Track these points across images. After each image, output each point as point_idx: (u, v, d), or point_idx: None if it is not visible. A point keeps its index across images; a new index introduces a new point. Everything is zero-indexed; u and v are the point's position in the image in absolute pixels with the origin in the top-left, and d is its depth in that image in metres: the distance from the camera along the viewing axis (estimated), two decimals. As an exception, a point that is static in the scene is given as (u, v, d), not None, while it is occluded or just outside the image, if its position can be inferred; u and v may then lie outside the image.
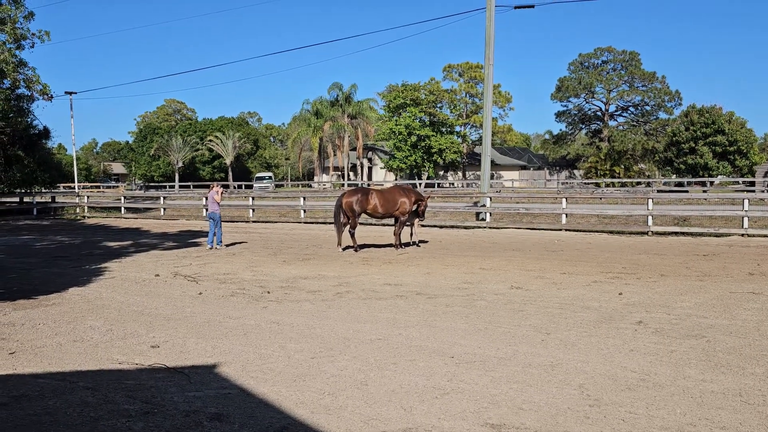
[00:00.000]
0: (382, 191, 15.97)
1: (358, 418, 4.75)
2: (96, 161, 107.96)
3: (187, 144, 73.62)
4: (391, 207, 15.63)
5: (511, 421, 4.64)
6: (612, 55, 64.90)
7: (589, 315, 8.03)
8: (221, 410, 4.93)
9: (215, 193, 17.08)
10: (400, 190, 16.15)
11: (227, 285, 10.81)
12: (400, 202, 15.65)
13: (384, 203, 15.51)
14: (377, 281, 10.96)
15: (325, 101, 69.00)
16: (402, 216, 15.81)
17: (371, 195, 15.53)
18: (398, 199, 15.67)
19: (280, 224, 25.51)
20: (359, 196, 15.46)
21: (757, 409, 4.78)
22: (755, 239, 17.32)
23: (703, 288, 9.87)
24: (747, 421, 4.55)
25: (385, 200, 15.55)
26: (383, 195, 15.68)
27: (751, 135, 51.73)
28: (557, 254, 14.57)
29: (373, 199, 15.44)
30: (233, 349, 6.70)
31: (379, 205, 15.46)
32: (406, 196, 15.81)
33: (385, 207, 15.55)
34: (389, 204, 15.57)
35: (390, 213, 15.76)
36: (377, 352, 6.47)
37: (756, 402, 4.92)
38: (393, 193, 15.86)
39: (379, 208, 15.51)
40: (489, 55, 23.87)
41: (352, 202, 15.38)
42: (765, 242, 16.64)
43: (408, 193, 16.01)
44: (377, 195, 15.58)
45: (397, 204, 15.65)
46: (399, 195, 15.77)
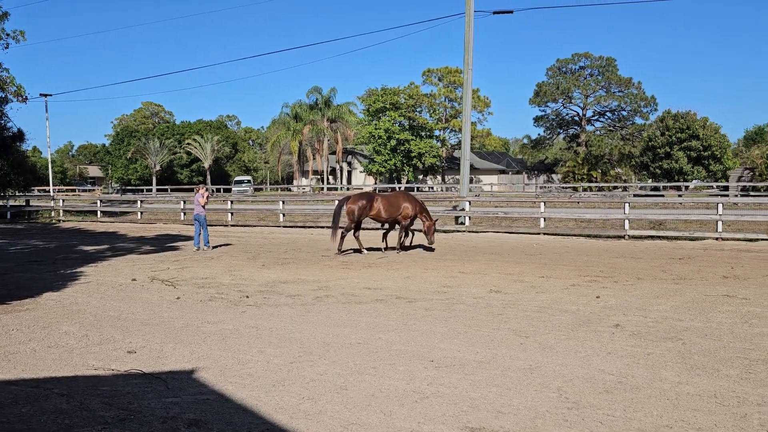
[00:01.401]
0: (386, 196, 16.19)
1: (338, 423, 4.73)
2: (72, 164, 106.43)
3: (164, 147, 72.92)
4: (394, 212, 15.81)
5: (490, 424, 4.65)
6: (589, 60, 65.67)
7: (567, 318, 8.10)
8: (199, 416, 4.87)
9: (200, 195, 17.08)
10: (403, 196, 16.36)
11: (205, 289, 10.71)
12: (403, 207, 15.84)
13: (388, 208, 15.71)
14: (357, 285, 10.94)
15: (304, 105, 68.86)
16: (404, 221, 15.97)
17: (375, 200, 15.75)
18: (401, 205, 15.86)
19: (259, 228, 25.36)
20: (363, 201, 15.65)
21: (732, 410, 4.85)
22: (729, 243, 17.61)
23: (678, 291, 10.01)
24: (722, 422, 4.62)
25: (389, 205, 15.75)
26: (387, 200, 15.89)
27: (724, 140, 52.67)
28: (536, 258, 14.68)
29: (377, 204, 15.65)
30: (211, 354, 6.64)
31: (382, 210, 15.65)
32: (409, 202, 16.00)
33: (388, 212, 15.73)
34: (392, 209, 15.77)
35: (393, 218, 15.92)
36: (357, 357, 6.45)
37: (730, 404, 4.99)
38: (397, 199, 16.07)
39: (382, 213, 15.70)
40: (468, 60, 24.01)
41: (356, 207, 15.55)
42: (738, 246, 16.94)
43: (412, 200, 16.20)
44: (381, 200, 15.79)
45: (400, 209, 15.83)
46: (402, 201, 15.98)
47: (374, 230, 21.68)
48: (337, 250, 15.71)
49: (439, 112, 63.93)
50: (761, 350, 6.47)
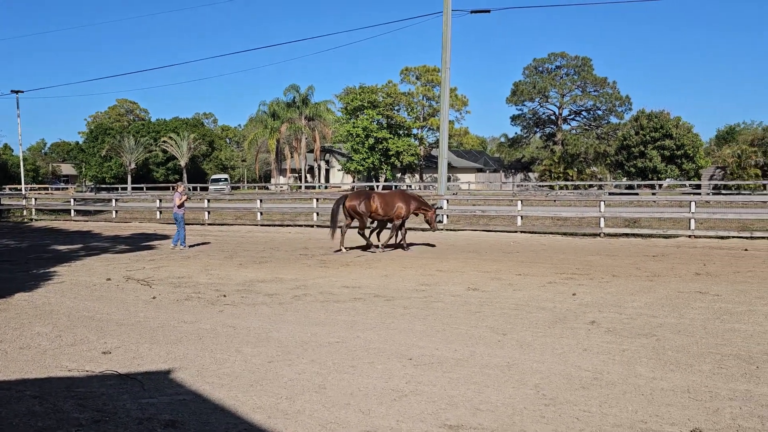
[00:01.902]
0: (383, 195, 16.36)
1: (316, 422, 4.72)
2: (44, 162, 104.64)
3: (140, 145, 71.98)
4: (390, 210, 15.98)
5: (468, 421, 4.68)
6: (565, 60, 66.30)
7: (544, 315, 8.17)
8: (176, 417, 4.82)
9: (177, 194, 16.99)
10: (400, 195, 16.55)
11: (182, 289, 10.61)
12: (397, 206, 16.01)
13: (384, 206, 15.90)
14: (335, 284, 10.92)
15: (281, 103, 68.52)
16: (398, 219, 16.12)
17: (373, 198, 15.92)
18: (396, 203, 16.04)
19: (237, 227, 25.18)
20: (362, 199, 15.82)
21: (704, 405, 4.94)
22: (701, 240, 17.92)
23: (652, 288, 10.16)
24: (695, 416, 4.70)
25: (386, 203, 15.94)
26: (384, 199, 16.07)
27: (697, 140, 53.53)
28: (513, 256, 14.79)
29: (375, 202, 15.84)
30: (188, 354, 6.58)
31: (380, 207, 15.84)
32: (405, 201, 16.18)
33: (385, 210, 15.91)
34: (389, 207, 15.95)
35: (389, 216, 16.08)
36: (335, 355, 6.44)
37: (703, 398, 5.08)
38: (393, 197, 16.25)
39: (380, 211, 15.87)
40: (446, 59, 24.09)
41: (355, 204, 15.73)
42: (711, 243, 17.24)
43: (408, 198, 16.37)
44: (379, 198, 15.98)
45: (395, 208, 16.00)
46: (398, 200, 16.16)
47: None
48: (340, 248, 15.81)
49: (416, 110, 64.06)
50: (732, 346, 6.59)
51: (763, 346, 6.54)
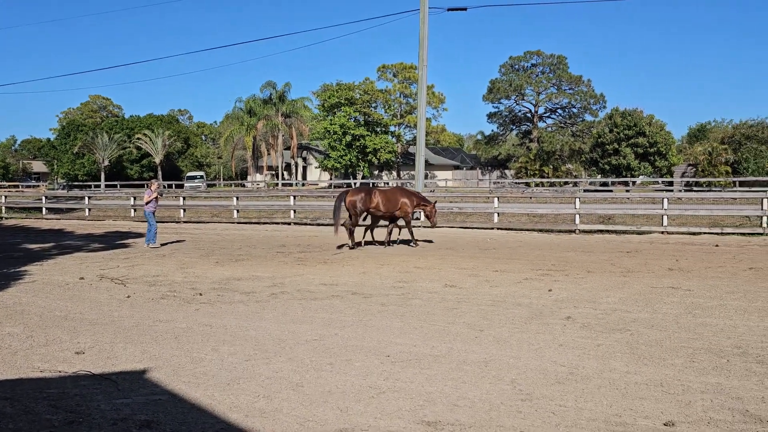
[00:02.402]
0: (384, 191, 16.34)
1: (294, 420, 4.70)
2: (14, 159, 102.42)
3: (113, 142, 70.88)
4: (393, 207, 15.95)
5: (446, 418, 4.70)
6: (541, 58, 66.84)
7: (520, 311, 8.24)
8: (151, 417, 4.77)
9: (148, 192, 16.84)
10: (402, 191, 16.57)
11: (157, 287, 10.49)
12: (401, 202, 16.01)
13: (386, 203, 15.86)
14: (312, 281, 10.89)
15: (258, 99, 68.03)
16: (404, 215, 16.14)
17: (374, 194, 15.88)
18: (399, 200, 16.02)
19: (213, 224, 24.97)
20: (363, 195, 15.77)
21: (677, 398, 5.03)
22: (674, 236, 18.22)
23: (626, 283, 10.30)
24: (668, 409, 4.78)
25: (387, 200, 15.90)
26: (385, 195, 16.05)
27: (669, 137, 54.33)
28: (490, 252, 14.89)
29: (376, 198, 15.80)
30: (164, 353, 6.50)
31: (381, 204, 15.80)
32: (407, 197, 16.20)
33: (386, 206, 15.88)
34: (390, 204, 15.91)
35: (391, 212, 16.05)
36: (313, 353, 6.42)
37: (675, 391, 5.17)
38: (395, 194, 16.23)
39: (381, 207, 15.84)
40: (423, 56, 24.13)
41: (356, 200, 15.67)
42: (683, 239, 17.54)
43: (410, 194, 16.40)
44: (380, 194, 15.94)
45: (398, 204, 15.98)
46: (401, 196, 16.16)
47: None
48: (350, 245, 15.82)
49: (394, 108, 64.07)
50: (704, 340, 6.72)
51: (733, 340, 6.67)
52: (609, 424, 4.52)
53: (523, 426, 4.52)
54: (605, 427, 4.48)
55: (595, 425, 4.51)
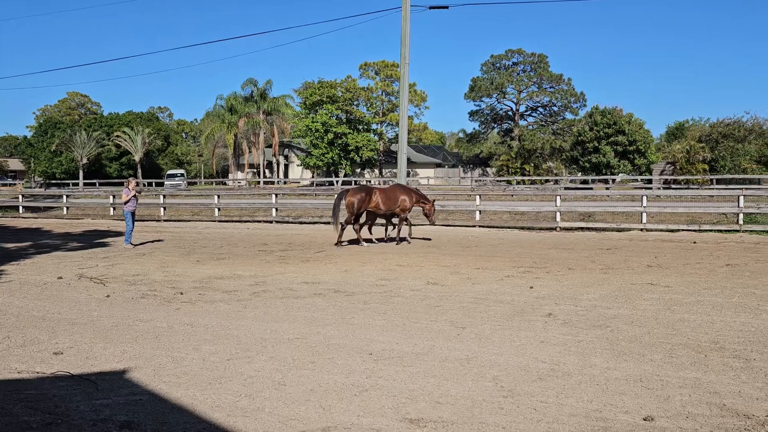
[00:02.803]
0: (384, 189, 16.44)
1: (276, 419, 4.69)
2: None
3: (92, 139, 69.97)
4: (392, 205, 16.06)
5: (429, 415, 4.71)
6: (522, 57, 67.17)
7: (502, 309, 8.29)
8: (132, 417, 4.72)
9: (126, 190, 16.59)
10: (400, 189, 16.66)
11: (137, 286, 10.38)
12: (401, 200, 16.14)
13: (386, 201, 15.95)
14: (294, 280, 10.85)
15: (239, 97, 67.59)
16: (402, 213, 16.26)
17: (374, 193, 15.95)
18: (399, 197, 16.15)
19: (194, 223, 24.78)
20: (363, 194, 15.83)
21: (656, 393, 5.09)
22: (653, 233, 18.45)
23: (606, 280, 10.41)
24: (647, 404, 4.84)
25: (387, 198, 15.99)
26: (385, 193, 16.14)
27: (648, 135, 54.95)
28: (471, 250, 14.95)
29: (375, 197, 15.87)
30: (144, 353, 6.44)
31: (381, 202, 15.89)
32: (407, 194, 16.32)
33: (387, 204, 15.98)
34: (390, 202, 16.02)
35: (391, 210, 16.15)
36: (295, 352, 6.40)
37: (655, 387, 5.23)
38: (394, 192, 16.33)
39: (381, 206, 15.93)
40: (405, 54, 24.14)
41: (355, 200, 15.72)
42: (661, 236, 17.76)
43: (409, 192, 16.50)
44: (379, 193, 16.02)
45: (398, 202, 16.10)
46: (400, 193, 16.26)
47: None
48: (337, 242, 15.93)
49: (376, 105, 64.07)
50: (682, 335, 6.81)
51: (710, 336, 6.77)
52: (590, 420, 4.56)
53: (504, 422, 4.55)
54: (586, 422, 4.52)
55: (576, 421, 4.55)
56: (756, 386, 5.20)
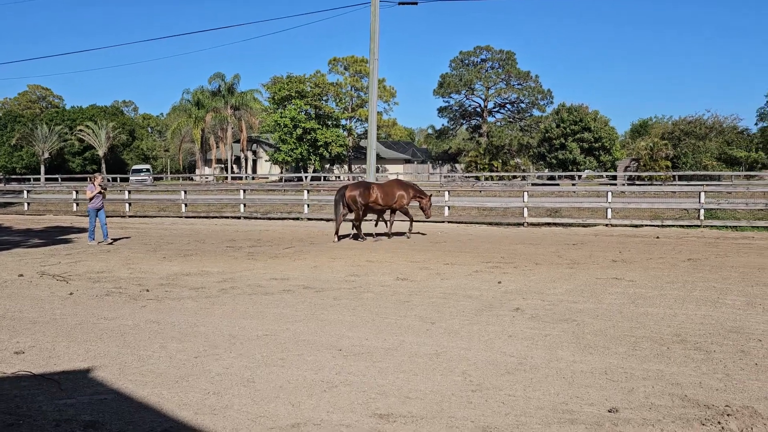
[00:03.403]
0: (381, 185, 16.72)
1: (245, 416, 4.65)
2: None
3: (54, 133, 68.38)
4: (390, 200, 16.31)
5: (398, 410, 4.73)
6: (490, 53, 67.71)
7: (471, 303, 8.36)
8: (96, 417, 4.64)
9: (90, 186, 16.09)
10: (398, 183, 17.00)
11: (101, 284, 10.18)
12: (399, 195, 16.41)
13: (384, 196, 16.21)
14: (263, 276, 10.77)
15: (206, 91, 66.75)
16: (400, 208, 16.54)
17: (372, 188, 16.22)
18: (396, 193, 16.43)
19: (160, 219, 24.40)
20: (361, 189, 16.09)
21: (620, 385, 5.19)
22: (618, 229, 18.79)
23: (573, 275, 10.57)
24: (612, 396, 4.93)
25: (385, 193, 16.26)
26: (383, 188, 16.41)
27: (613, 132, 55.95)
28: (440, 245, 15.03)
29: (374, 193, 16.13)
30: (109, 351, 6.33)
31: (379, 197, 16.14)
32: (404, 189, 16.59)
33: (384, 200, 16.23)
34: (388, 197, 16.27)
35: (389, 205, 16.40)
36: (264, 348, 6.36)
37: (619, 379, 5.34)
38: (392, 187, 16.61)
39: (379, 201, 16.18)
40: (374, 50, 24.11)
41: (355, 195, 15.97)
42: (626, 231, 18.11)
43: (406, 187, 16.78)
44: (378, 188, 16.31)
45: (396, 197, 16.36)
46: (397, 189, 16.56)
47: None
48: (335, 237, 16.17)
49: (345, 101, 63.91)
50: (646, 329, 6.96)
51: (673, 329, 6.93)
52: (556, 412, 4.63)
53: (473, 416, 4.59)
54: (553, 414, 4.59)
55: (543, 413, 4.62)
56: (716, 377, 5.35)
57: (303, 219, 22.93)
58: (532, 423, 4.45)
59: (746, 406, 4.68)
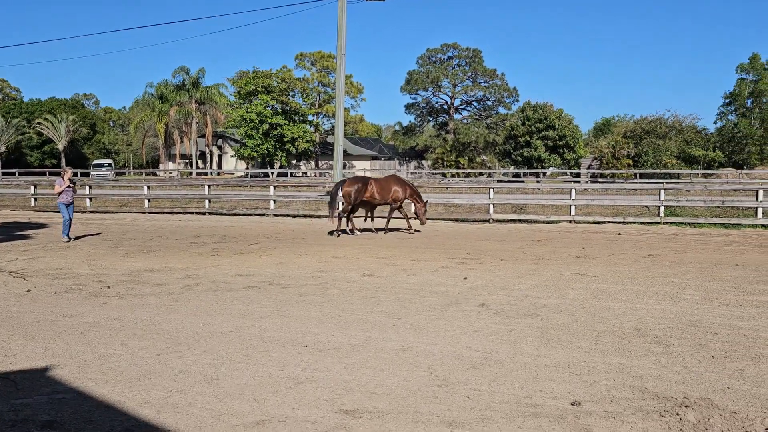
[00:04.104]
0: (378, 180, 17.03)
1: (209, 414, 4.59)
2: None
3: (11, 126, 66.48)
4: (387, 194, 16.66)
5: (364, 405, 4.72)
6: (457, 51, 68.08)
7: (437, 299, 8.40)
8: (54, 417, 4.52)
9: (59, 181, 15.53)
10: (395, 180, 17.35)
11: (61, 281, 9.93)
12: (393, 190, 16.76)
13: (380, 191, 16.56)
14: (228, 272, 10.65)
15: (170, 85, 65.64)
16: (395, 203, 16.89)
17: (369, 183, 16.51)
18: (392, 187, 16.78)
19: (122, 215, 23.93)
20: (359, 185, 16.39)
21: (583, 378, 5.28)
22: (581, 225, 19.11)
23: (537, 271, 10.71)
24: (574, 390, 5.01)
25: (381, 189, 16.61)
26: (380, 184, 16.74)
27: (577, 131, 56.83)
28: (407, 241, 15.08)
29: (371, 187, 16.45)
30: (68, 349, 6.18)
31: (376, 192, 16.50)
32: (401, 186, 16.94)
33: (381, 195, 16.58)
34: (385, 192, 16.63)
35: (385, 200, 16.78)
36: (229, 345, 6.29)
37: (582, 372, 5.43)
38: (389, 183, 16.96)
39: (376, 195, 16.54)
40: (341, 45, 24.01)
41: (352, 190, 16.27)
42: (589, 228, 18.42)
43: (403, 183, 17.18)
44: (374, 184, 16.63)
45: (391, 191, 16.73)
46: (394, 184, 16.91)
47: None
48: (336, 231, 16.42)
49: (312, 97, 63.48)
50: (607, 323, 7.09)
51: (633, 323, 7.08)
52: (521, 406, 4.68)
53: (439, 411, 4.61)
54: (517, 408, 4.64)
55: (508, 407, 4.67)
56: (674, 370, 5.48)
57: (269, 215, 22.75)
58: (497, 417, 4.50)
59: (703, 397, 4.81)
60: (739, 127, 68.22)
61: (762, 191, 18.85)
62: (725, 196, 23.16)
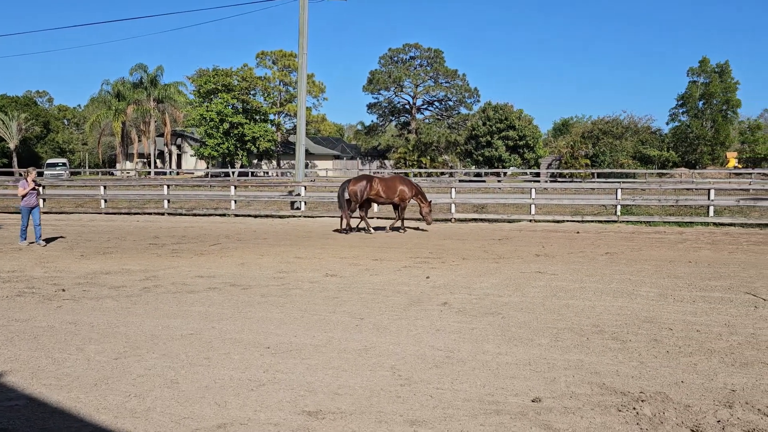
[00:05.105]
0: (384, 179, 17.25)
1: (169, 418, 4.50)
2: None
3: (-42, 124, 64.11)
4: (392, 194, 16.85)
5: (327, 406, 4.71)
6: (419, 51, 68.44)
7: (399, 299, 8.42)
8: (6, 425, 4.37)
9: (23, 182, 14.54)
10: (400, 179, 17.57)
11: (12, 284, 9.62)
12: (400, 190, 16.97)
13: (386, 190, 16.78)
14: (188, 274, 10.48)
15: (127, 83, 64.27)
16: (401, 202, 17.07)
17: (374, 182, 16.72)
18: (398, 187, 16.98)
19: (77, 215, 23.32)
20: (364, 183, 16.59)
21: (543, 375, 5.36)
22: (541, 224, 19.41)
23: (498, 269, 10.83)
24: (535, 387, 5.09)
25: (387, 187, 16.83)
26: (385, 182, 16.97)
27: (537, 131, 57.73)
28: (369, 241, 15.08)
29: (377, 186, 16.66)
30: (20, 355, 5.98)
31: (381, 191, 16.71)
32: (406, 185, 17.17)
33: (387, 193, 16.79)
34: (390, 191, 16.84)
35: (390, 199, 16.96)
36: (189, 348, 6.18)
37: (542, 369, 5.51)
38: (394, 182, 17.20)
39: (381, 194, 16.75)
40: (303, 44, 23.88)
41: (358, 189, 16.50)
42: (548, 227, 18.73)
43: (410, 183, 17.42)
44: (380, 182, 16.83)
45: (397, 191, 16.91)
46: (399, 184, 17.14)
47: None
48: (346, 229, 16.84)
49: (273, 96, 62.97)
50: (567, 320, 7.22)
51: (592, 320, 7.22)
52: (483, 403, 4.73)
53: (402, 410, 4.63)
54: (479, 406, 4.69)
55: (470, 405, 4.71)
56: (631, 365, 5.61)
57: (230, 215, 22.48)
58: (460, 415, 4.53)
59: (659, 392, 4.93)
60: (691, 127, 70.26)
61: (713, 190, 19.48)
62: (679, 195, 23.88)
